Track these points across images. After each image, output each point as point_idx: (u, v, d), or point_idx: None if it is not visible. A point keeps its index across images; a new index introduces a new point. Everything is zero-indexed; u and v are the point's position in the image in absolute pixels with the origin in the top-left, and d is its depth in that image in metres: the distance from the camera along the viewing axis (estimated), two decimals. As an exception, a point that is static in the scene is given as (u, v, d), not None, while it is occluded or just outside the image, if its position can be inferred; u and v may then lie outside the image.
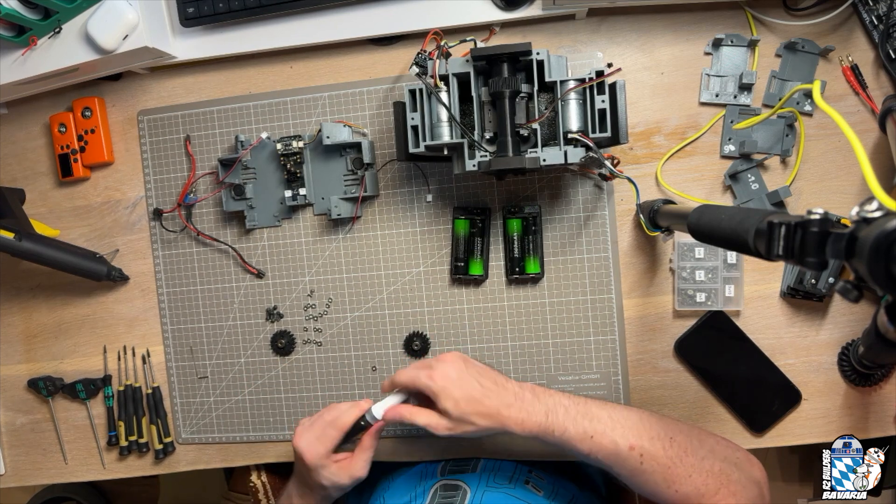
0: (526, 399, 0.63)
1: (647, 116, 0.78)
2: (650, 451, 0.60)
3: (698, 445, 0.61)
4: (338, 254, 0.84)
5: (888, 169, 0.72)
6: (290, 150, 0.81)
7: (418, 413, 0.65)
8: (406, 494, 0.76)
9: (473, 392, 0.62)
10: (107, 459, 0.92)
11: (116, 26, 0.76)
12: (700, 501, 0.59)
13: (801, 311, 0.77)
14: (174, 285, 0.88)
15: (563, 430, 0.61)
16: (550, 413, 0.62)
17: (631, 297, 0.79)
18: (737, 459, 0.62)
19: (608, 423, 0.61)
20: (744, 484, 0.60)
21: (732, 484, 0.59)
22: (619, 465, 0.60)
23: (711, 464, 0.60)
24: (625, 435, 0.60)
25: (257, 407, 0.87)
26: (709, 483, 0.59)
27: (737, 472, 0.60)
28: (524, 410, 0.62)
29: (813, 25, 0.74)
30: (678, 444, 0.60)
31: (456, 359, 0.65)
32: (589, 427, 0.61)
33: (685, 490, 0.59)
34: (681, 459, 0.60)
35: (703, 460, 0.60)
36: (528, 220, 0.79)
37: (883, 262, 0.34)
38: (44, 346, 0.93)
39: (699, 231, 0.54)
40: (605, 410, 0.63)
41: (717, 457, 0.61)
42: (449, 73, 0.69)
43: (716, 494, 0.58)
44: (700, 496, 0.59)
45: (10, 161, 0.93)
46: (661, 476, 0.59)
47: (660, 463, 0.59)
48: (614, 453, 0.60)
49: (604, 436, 0.60)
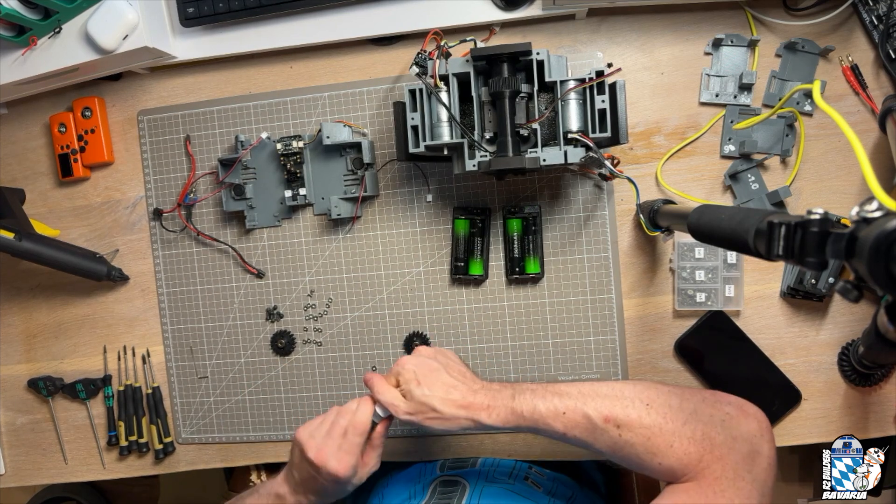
0: (492, 387, 0.62)
1: (647, 116, 0.78)
2: (626, 421, 0.56)
3: (678, 409, 0.56)
4: (338, 254, 0.84)
5: (888, 169, 0.72)
6: (290, 150, 0.81)
7: (385, 389, 0.63)
8: (405, 491, 0.76)
9: (440, 379, 0.61)
10: (107, 459, 0.92)
11: (116, 26, 0.76)
12: (684, 474, 0.55)
13: (801, 311, 0.77)
14: (174, 285, 0.88)
15: (532, 408, 0.59)
16: (517, 395, 0.60)
17: (631, 297, 0.79)
18: (724, 416, 0.56)
19: (578, 397, 0.58)
20: (730, 445, 0.55)
21: (717, 447, 0.54)
22: (598, 440, 0.57)
23: (693, 428, 0.55)
24: (597, 407, 0.57)
25: (257, 407, 0.87)
26: (691, 451, 0.54)
27: (722, 432, 0.55)
28: (490, 396, 0.60)
29: (813, 25, 0.74)
30: (656, 409, 0.56)
31: (430, 350, 0.65)
32: (560, 404, 0.58)
33: (668, 462, 0.55)
34: (660, 427, 0.55)
35: (683, 425, 0.55)
36: (528, 220, 0.79)
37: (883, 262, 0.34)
38: (44, 346, 0.93)
39: (699, 231, 0.54)
40: (574, 387, 0.60)
41: (699, 419, 0.56)
42: (449, 73, 0.69)
43: (700, 461, 0.54)
44: (685, 466, 0.54)
45: (10, 161, 0.93)
46: (641, 447, 0.56)
47: (637, 433, 0.56)
48: (590, 428, 0.57)
49: (575, 410, 0.57)
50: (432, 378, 0.61)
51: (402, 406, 0.61)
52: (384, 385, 0.63)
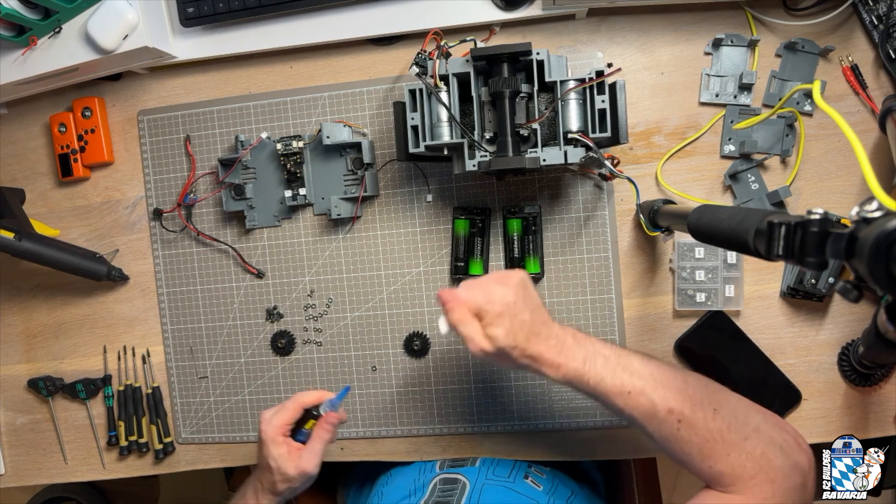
0: (566, 343, 0.59)
1: (647, 116, 0.78)
2: (690, 420, 0.55)
3: (744, 422, 0.56)
4: (338, 254, 0.84)
5: (888, 169, 0.72)
6: (290, 150, 0.81)
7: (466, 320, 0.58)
8: (405, 489, 0.76)
9: (522, 327, 0.58)
10: (107, 459, 0.92)
11: (116, 26, 0.76)
12: (733, 483, 0.54)
13: (801, 311, 0.77)
14: (174, 285, 0.88)
15: (600, 379, 0.57)
16: (588, 360, 0.58)
17: (631, 297, 0.79)
18: (783, 442, 0.56)
19: (649, 380, 0.57)
20: (786, 472, 0.54)
21: (773, 470, 0.54)
22: (653, 426, 0.56)
23: (754, 445, 0.54)
24: (665, 396, 0.56)
25: (257, 407, 0.87)
26: (746, 465, 0.54)
27: (781, 457, 0.54)
28: (563, 354, 0.58)
29: (813, 25, 0.74)
30: (722, 417, 0.55)
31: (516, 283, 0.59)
32: (627, 381, 0.57)
33: (720, 468, 0.54)
34: (722, 435, 0.55)
35: (745, 440, 0.55)
36: (528, 220, 0.79)
37: (883, 262, 0.34)
38: (44, 346, 0.93)
39: (699, 231, 0.54)
40: (647, 367, 0.58)
41: (761, 438, 0.55)
42: (449, 73, 0.69)
43: (752, 479, 0.54)
44: (736, 477, 0.54)
45: (10, 161, 0.93)
46: (696, 448, 0.55)
47: (698, 434, 0.55)
48: (651, 413, 0.56)
49: (642, 394, 0.56)
50: (518, 325, 0.57)
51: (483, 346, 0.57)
52: (468, 317, 0.58)
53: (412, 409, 0.83)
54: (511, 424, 0.81)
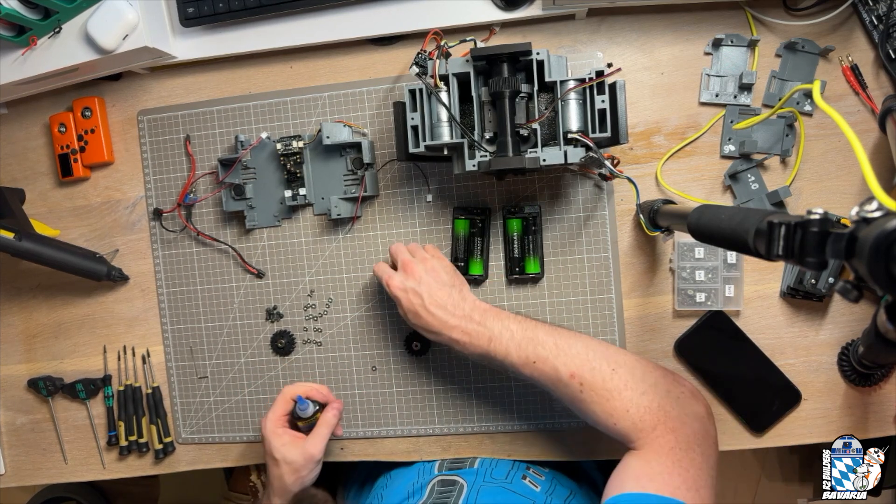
0: (473, 320, 0.66)
1: (647, 116, 0.78)
2: (590, 381, 0.61)
3: (640, 379, 0.62)
4: (338, 254, 0.84)
5: (888, 169, 0.72)
6: (290, 150, 0.81)
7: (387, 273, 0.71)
8: (404, 491, 0.76)
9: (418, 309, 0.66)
10: (107, 459, 0.92)
11: (116, 26, 0.76)
12: (637, 438, 0.59)
13: (801, 311, 0.77)
14: (174, 285, 0.88)
15: (506, 354, 0.64)
16: (494, 339, 0.65)
17: (631, 297, 0.79)
18: (679, 394, 0.62)
19: (552, 349, 0.63)
20: (683, 420, 0.60)
21: (671, 420, 0.59)
22: (559, 391, 0.63)
23: (651, 399, 0.60)
24: (566, 363, 0.62)
25: (257, 407, 0.87)
26: (646, 418, 0.59)
27: (677, 407, 0.61)
28: (466, 334, 0.65)
29: (813, 25, 0.74)
30: (619, 376, 0.61)
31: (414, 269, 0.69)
32: (532, 353, 0.63)
33: (623, 424, 0.60)
34: (619, 392, 0.60)
35: (642, 395, 0.60)
36: (528, 220, 0.79)
37: (883, 262, 0.34)
38: (44, 346, 0.93)
39: (699, 231, 0.54)
40: (551, 337, 0.64)
41: (657, 391, 0.61)
42: (449, 73, 0.69)
43: (654, 430, 0.59)
44: (639, 431, 0.59)
45: (10, 161, 0.93)
46: (600, 407, 0.61)
47: (599, 394, 0.61)
48: (555, 379, 0.62)
49: (546, 362, 0.62)
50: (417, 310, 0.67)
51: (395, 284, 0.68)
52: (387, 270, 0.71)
53: (412, 409, 0.83)
54: (511, 424, 0.81)
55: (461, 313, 0.66)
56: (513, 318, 0.67)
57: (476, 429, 0.82)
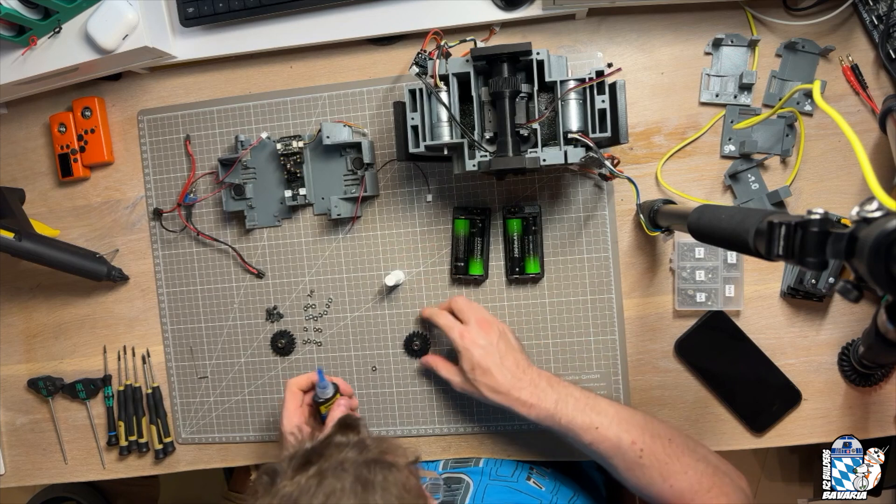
0: (540, 386, 0.67)
1: (647, 116, 0.78)
2: (650, 447, 0.63)
3: (694, 450, 0.65)
4: (338, 254, 0.84)
5: (888, 169, 0.72)
6: (290, 150, 0.81)
7: (443, 366, 0.74)
8: None
9: (491, 366, 0.68)
10: (107, 459, 0.92)
11: (116, 26, 0.76)
12: (693, 497, 0.62)
13: (801, 311, 0.77)
14: (174, 285, 0.88)
15: (571, 418, 0.65)
16: (560, 402, 0.66)
17: (631, 297, 0.79)
18: (727, 468, 0.66)
19: (614, 418, 0.65)
20: (733, 488, 0.64)
21: (725, 486, 0.63)
22: (619, 456, 0.64)
23: (705, 466, 0.64)
24: (628, 430, 0.64)
25: (257, 407, 0.87)
26: (703, 481, 0.63)
27: (727, 477, 0.64)
28: (535, 396, 0.66)
29: (813, 25, 0.74)
30: (676, 444, 0.64)
31: (491, 328, 0.71)
32: (595, 419, 0.65)
33: (680, 485, 0.62)
34: (678, 458, 0.63)
35: (697, 461, 0.64)
36: (528, 220, 0.79)
37: (883, 262, 0.34)
38: (44, 346, 0.93)
39: (699, 231, 0.54)
40: (612, 406, 0.66)
41: (709, 462, 0.65)
42: (449, 73, 0.69)
43: (708, 492, 0.62)
44: (694, 492, 0.62)
45: (10, 161, 0.93)
46: (657, 471, 0.63)
47: (658, 458, 0.63)
48: (616, 446, 0.64)
49: (608, 429, 0.64)
50: (490, 367, 0.68)
51: (457, 381, 0.72)
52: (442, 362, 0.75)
53: (412, 409, 0.83)
54: (511, 424, 0.81)
55: (528, 377, 0.68)
56: (573, 386, 0.69)
57: (476, 429, 0.82)
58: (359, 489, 0.45)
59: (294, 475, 0.46)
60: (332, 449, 0.49)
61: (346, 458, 0.47)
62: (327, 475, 0.45)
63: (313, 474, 0.46)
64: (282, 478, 0.46)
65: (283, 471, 0.47)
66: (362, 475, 0.46)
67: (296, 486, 0.45)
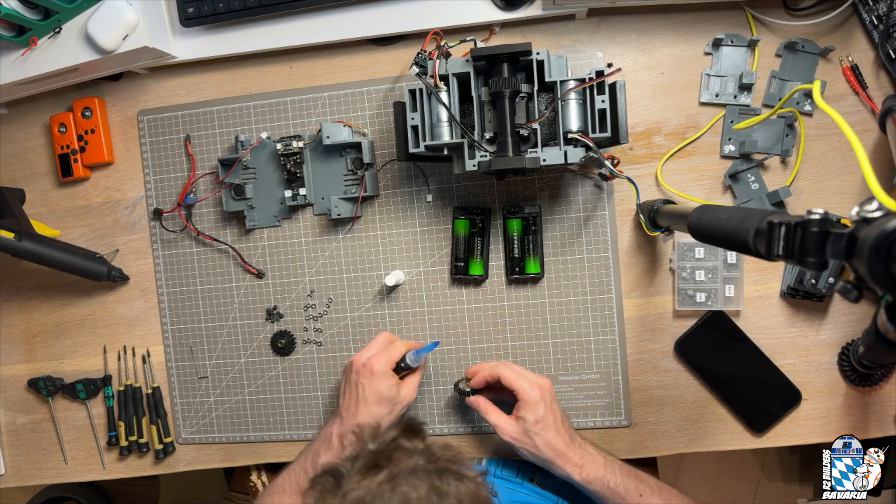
0: (587, 449, 0.70)
1: (647, 116, 0.78)
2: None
3: None
4: (338, 254, 0.84)
5: (888, 169, 0.72)
6: (290, 150, 0.81)
7: (493, 412, 0.72)
8: None
9: (553, 423, 0.69)
10: (107, 459, 0.92)
11: (116, 26, 0.76)
12: None
13: (801, 311, 0.77)
14: (174, 285, 0.88)
15: (618, 482, 0.68)
16: (608, 465, 0.69)
17: (631, 297, 0.79)
18: None
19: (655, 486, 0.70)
20: None
21: None
22: None
23: None
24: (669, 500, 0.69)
25: (257, 407, 0.87)
26: None
27: None
28: (585, 458, 0.69)
29: (813, 25, 0.74)
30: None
31: (549, 394, 0.71)
32: (641, 486, 0.68)
33: None
34: None
35: None
36: (528, 220, 0.79)
37: (883, 262, 0.34)
38: (44, 346, 0.93)
39: (699, 231, 0.54)
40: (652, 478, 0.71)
41: None
42: (449, 73, 0.69)
43: None
44: None
45: (10, 161, 0.93)
46: None
47: None
48: None
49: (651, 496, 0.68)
50: (552, 423, 0.69)
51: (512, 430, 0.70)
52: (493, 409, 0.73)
53: (412, 410, 0.83)
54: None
55: (577, 441, 0.70)
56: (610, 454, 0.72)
57: (476, 429, 0.82)
58: (434, 499, 0.44)
59: (361, 478, 0.45)
60: (401, 453, 0.48)
61: (418, 466, 0.46)
62: (400, 482, 0.44)
63: (384, 479, 0.44)
64: (348, 480, 0.45)
65: (349, 472, 0.46)
66: (435, 484, 0.45)
67: (366, 490, 0.44)
